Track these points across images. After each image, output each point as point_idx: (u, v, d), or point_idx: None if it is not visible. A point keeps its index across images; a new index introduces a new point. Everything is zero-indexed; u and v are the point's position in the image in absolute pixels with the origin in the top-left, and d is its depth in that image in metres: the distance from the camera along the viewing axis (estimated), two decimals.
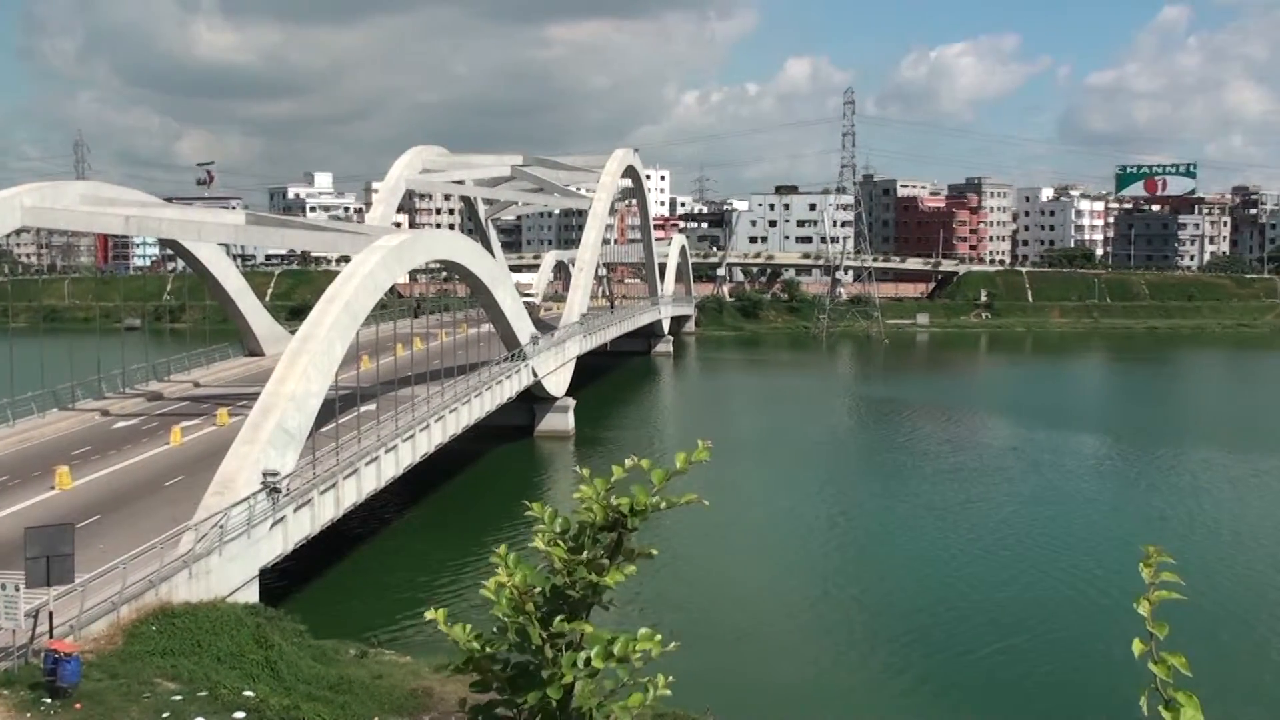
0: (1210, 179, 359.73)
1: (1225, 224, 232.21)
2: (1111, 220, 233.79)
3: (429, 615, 3.80)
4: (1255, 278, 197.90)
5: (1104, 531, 50.15)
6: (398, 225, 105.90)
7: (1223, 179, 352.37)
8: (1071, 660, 33.73)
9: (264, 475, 33.30)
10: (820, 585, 43.14)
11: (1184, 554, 43.85)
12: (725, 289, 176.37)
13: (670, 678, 3.66)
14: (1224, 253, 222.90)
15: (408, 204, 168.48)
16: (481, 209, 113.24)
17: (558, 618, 3.58)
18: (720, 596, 41.07)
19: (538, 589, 3.58)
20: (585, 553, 3.67)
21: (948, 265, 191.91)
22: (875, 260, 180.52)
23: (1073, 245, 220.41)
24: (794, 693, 32.26)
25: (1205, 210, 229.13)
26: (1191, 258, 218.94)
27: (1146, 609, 3.55)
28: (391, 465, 44.06)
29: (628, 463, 4.01)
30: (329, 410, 39.33)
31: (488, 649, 3.55)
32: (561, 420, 72.89)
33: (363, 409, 45.34)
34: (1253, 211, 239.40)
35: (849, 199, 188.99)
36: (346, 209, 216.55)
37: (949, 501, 56.52)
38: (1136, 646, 3.48)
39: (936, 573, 43.87)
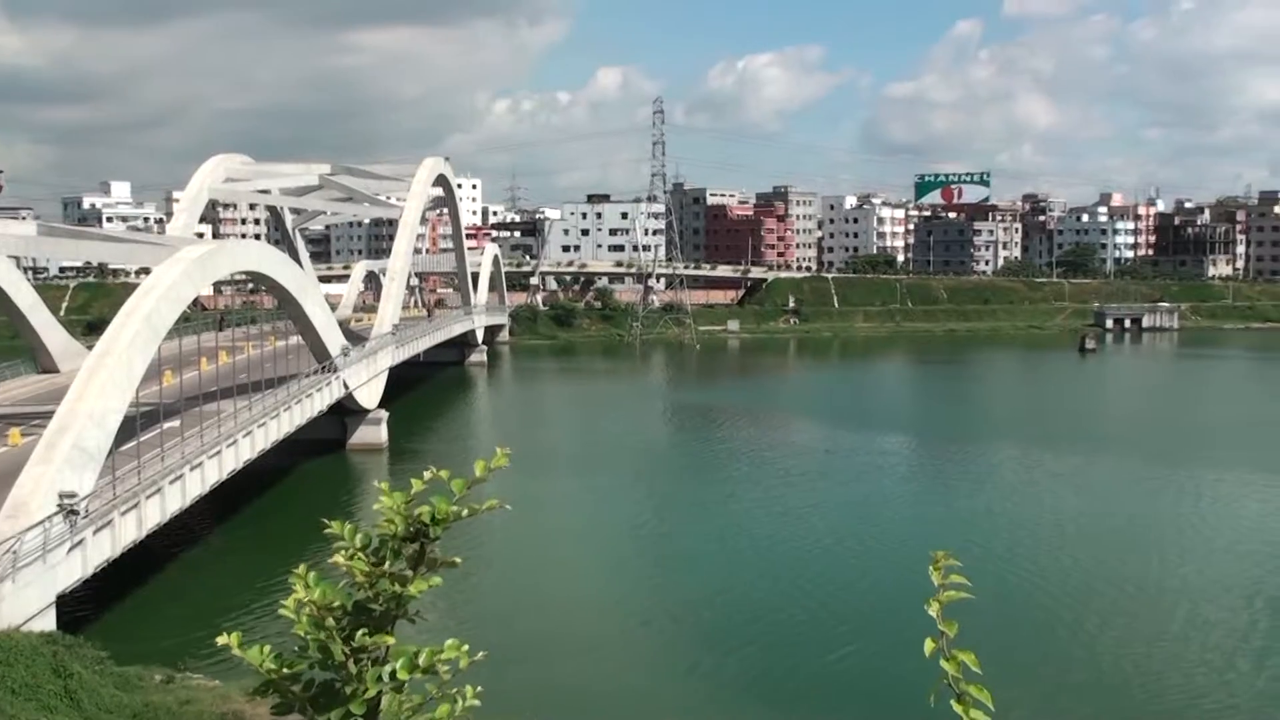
0: (1003, 187, 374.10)
1: (1017, 230, 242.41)
2: (912, 227, 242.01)
3: (221, 641, 3.72)
4: (1045, 281, 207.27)
5: (909, 532, 51.72)
6: (200, 236, 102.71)
7: (1014, 187, 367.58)
8: (877, 658, 34.67)
9: (60, 497, 31.92)
10: (634, 591, 43.47)
11: (982, 551, 45.69)
12: (539, 298, 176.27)
13: (480, 688, 3.67)
14: (1016, 258, 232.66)
15: (211, 214, 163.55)
16: (288, 219, 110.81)
17: (360, 632, 3.54)
18: (535, 605, 41.01)
19: (338, 604, 3.54)
20: (387, 565, 3.65)
21: (757, 272, 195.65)
22: (687, 268, 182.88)
23: (876, 251, 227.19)
24: (609, 700, 32.45)
25: (998, 217, 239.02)
26: (986, 263, 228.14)
27: (936, 609, 3.67)
28: (197, 483, 42.75)
29: (427, 474, 4.00)
30: (130, 428, 37.95)
31: (287, 669, 3.47)
32: (375, 433, 71.82)
33: (166, 426, 43.83)
34: (1042, 218, 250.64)
35: (660, 207, 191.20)
36: (146, 219, 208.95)
37: (761, 504, 57.56)
38: (928, 645, 3.59)
39: (747, 575, 44.58)
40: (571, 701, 31.84)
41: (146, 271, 49.35)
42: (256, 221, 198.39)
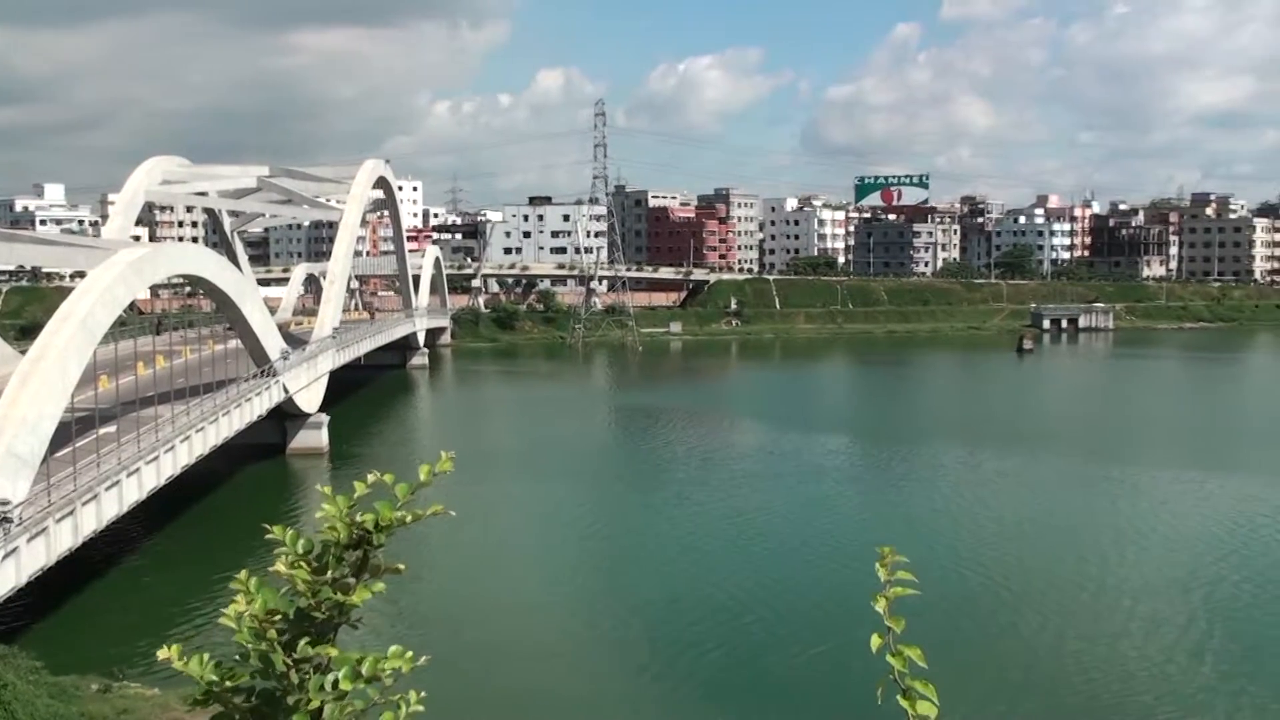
0: (941, 189, 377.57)
1: (956, 232, 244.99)
2: (852, 229, 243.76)
3: (162, 655, 3.67)
4: (983, 282, 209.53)
5: (854, 531, 52.08)
6: (137, 239, 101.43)
7: (953, 189, 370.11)
8: (828, 656, 34.86)
9: None
10: (580, 594, 43.44)
11: (926, 549, 46.09)
12: (481, 300, 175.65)
13: (423, 693, 3.65)
14: (955, 259, 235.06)
15: (147, 217, 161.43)
16: (227, 221, 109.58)
17: (302, 642, 3.50)
18: (481, 610, 40.86)
19: (280, 616, 3.50)
20: (330, 573, 3.61)
21: (699, 274, 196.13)
22: (629, 270, 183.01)
23: (816, 253, 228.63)
24: (556, 703, 32.41)
25: (937, 219, 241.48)
26: (926, 264, 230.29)
27: (883, 605, 3.68)
28: (135, 489, 42.20)
29: (370, 478, 3.98)
30: (65, 433, 37.39)
31: (229, 680, 3.43)
32: (315, 437, 71.24)
33: (102, 431, 43.23)
34: (980, 220, 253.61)
35: (602, 210, 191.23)
36: (81, 222, 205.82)
37: (707, 506, 57.72)
38: (875, 641, 3.60)
39: (695, 576, 44.69)
40: (518, 706, 31.77)
41: (81, 275, 48.64)
42: (194, 224, 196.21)
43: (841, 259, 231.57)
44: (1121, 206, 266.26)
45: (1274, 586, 42.73)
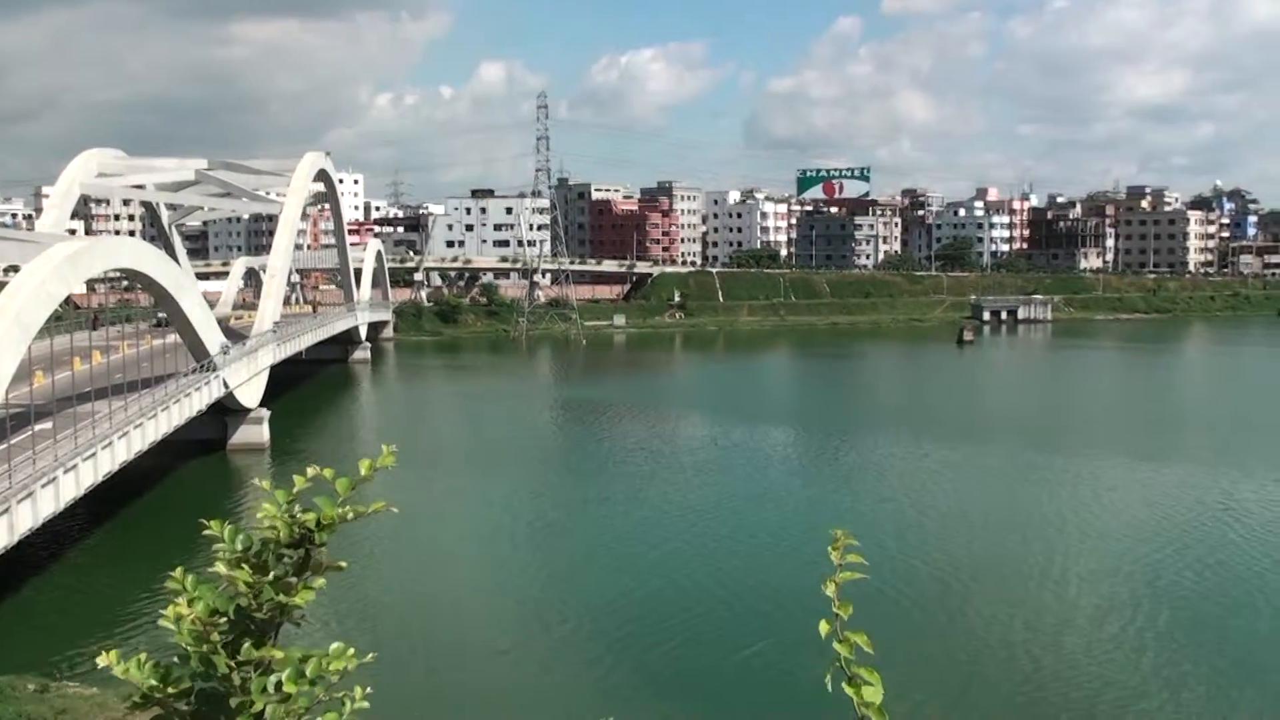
0: (883, 182, 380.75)
1: (897, 225, 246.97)
2: (794, 222, 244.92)
3: (101, 661, 3.62)
4: (924, 275, 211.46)
5: (800, 522, 52.36)
6: (72, 232, 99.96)
7: (894, 182, 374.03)
8: (776, 646, 35.05)
9: None
10: (526, 589, 43.31)
11: (871, 540, 46.47)
12: (423, 294, 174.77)
13: (369, 689, 3.64)
14: (896, 252, 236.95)
15: (83, 210, 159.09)
16: (164, 214, 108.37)
17: (246, 644, 3.46)
18: (427, 607, 40.68)
19: (222, 618, 3.46)
20: (271, 572, 3.57)
21: (642, 267, 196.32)
22: (572, 263, 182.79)
23: (759, 246, 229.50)
24: (503, 700, 32.35)
25: (879, 212, 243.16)
26: (867, 257, 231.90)
27: (833, 590, 3.66)
28: (72, 486, 41.60)
29: (310, 473, 3.94)
30: (0, 430, 36.83)
31: (169, 684, 3.38)
32: (256, 432, 70.59)
33: (38, 428, 42.61)
34: (920, 213, 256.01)
35: (545, 202, 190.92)
36: (14, 216, 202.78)
37: (654, 499, 57.78)
38: (823, 627, 3.60)
39: (643, 570, 44.73)
40: (465, 702, 31.69)
41: (15, 269, 47.84)
42: (131, 218, 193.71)
43: (784, 252, 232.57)
44: (1059, 199, 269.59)
45: (1214, 572, 43.43)
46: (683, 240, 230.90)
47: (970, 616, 38.82)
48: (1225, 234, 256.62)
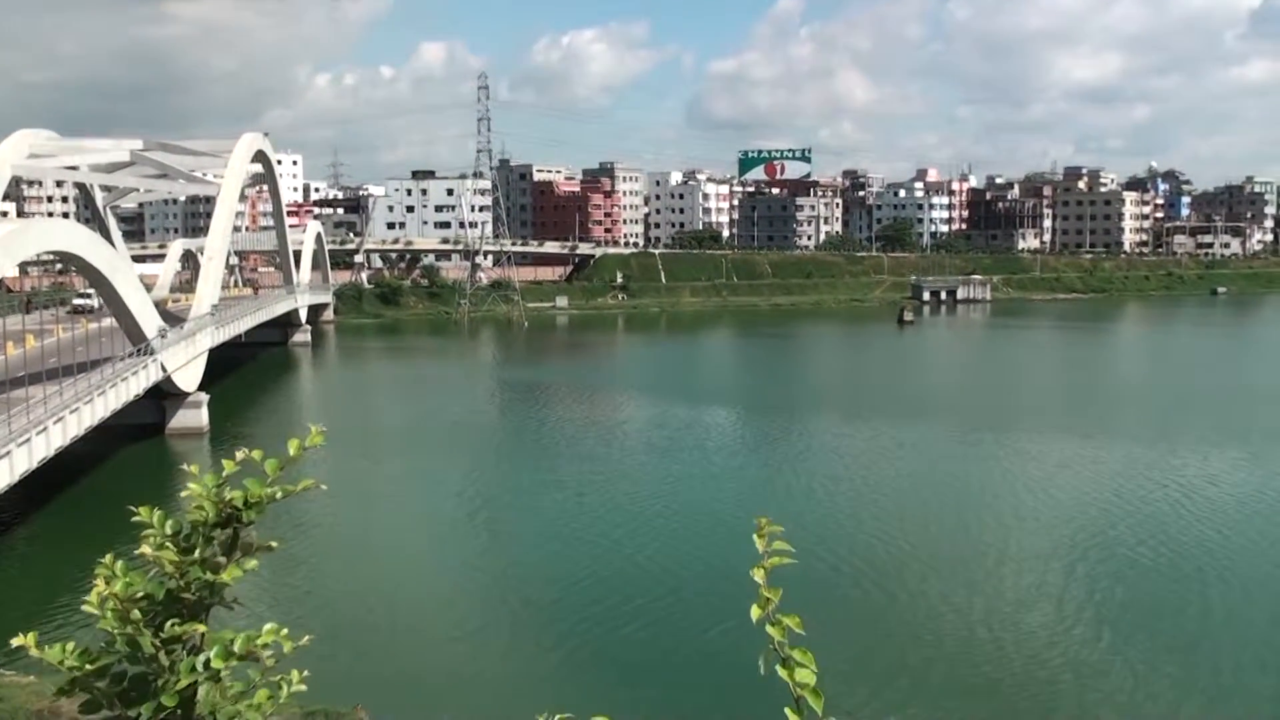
0: (824, 163, 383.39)
1: (838, 205, 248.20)
2: (736, 203, 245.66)
3: (16, 642, 3.60)
4: (865, 256, 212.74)
5: (743, 503, 52.49)
6: (4, 215, 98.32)
7: (835, 163, 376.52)
8: (723, 629, 35.18)
9: None
10: (465, 571, 43.21)
11: (811, 519, 46.84)
12: (364, 276, 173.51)
13: (306, 673, 3.64)
14: (837, 233, 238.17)
15: (14, 192, 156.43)
16: (99, 196, 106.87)
17: (170, 621, 3.46)
18: (368, 591, 40.43)
19: (141, 594, 3.45)
20: (198, 552, 3.57)
21: (584, 248, 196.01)
22: (514, 244, 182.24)
23: (701, 227, 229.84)
24: (444, 681, 32.33)
25: (820, 193, 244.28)
26: (809, 238, 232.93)
27: (761, 576, 3.69)
28: (5, 473, 40.99)
29: (239, 456, 3.94)
30: None
31: (90, 664, 3.37)
32: (195, 416, 69.86)
33: None
34: (861, 194, 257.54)
35: (486, 184, 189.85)
36: None
37: (596, 482, 57.72)
38: (754, 611, 3.62)
39: (584, 553, 44.69)
40: (405, 685, 31.60)
41: None
42: (65, 199, 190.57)
43: (726, 233, 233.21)
44: (998, 180, 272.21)
45: (1167, 547, 43.91)
46: (625, 221, 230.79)
47: (929, 596, 38.79)
48: (1159, 214, 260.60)
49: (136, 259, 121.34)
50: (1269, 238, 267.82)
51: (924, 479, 57.16)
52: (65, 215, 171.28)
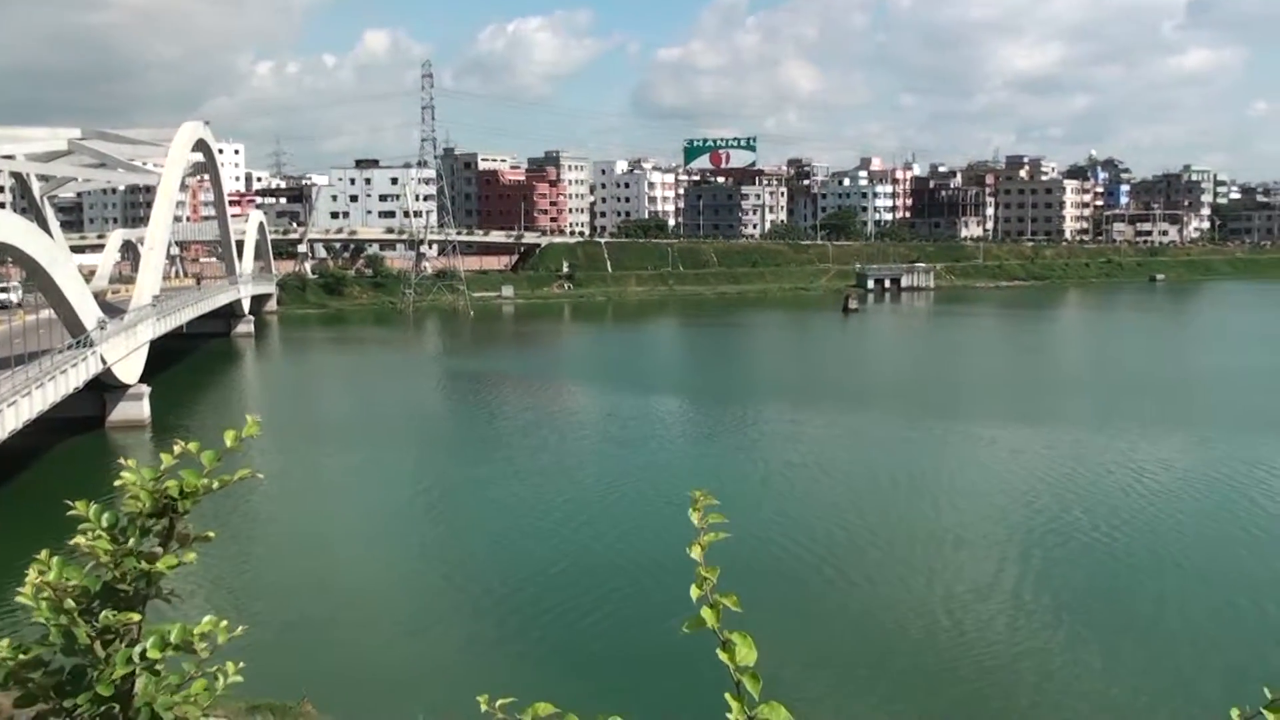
0: (769, 152, 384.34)
1: (783, 194, 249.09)
2: (682, 192, 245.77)
3: None
4: (810, 244, 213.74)
5: (703, 486, 52.44)
6: None
7: (780, 152, 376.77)
8: (672, 617, 35.20)
9: None
10: (415, 564, 43.01)
11: (777, 508, 47.00)
12: (308, 266, 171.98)
13: (242, 664, 3.59)
14: (782, 221, 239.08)
15: None
16: (35, 186, 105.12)
17: (105, 611, 3.40)
18: (316, 583, 40.10)
19: (74, 584, 3.39)
20: (133, 543, 3.51)
21: (530, 238, 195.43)
22: (459, 234, 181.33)
23: (647, 216, 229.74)
24: (393, 674, 32.15)
25: (765, 182, 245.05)
26: (754, 226, 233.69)
27: (699, 553, 3.58)
28: None
29: (176, 449, 3.88)
30: None
31: (23, 655, 3.30)
32: (136, 409, 69.03)
33: None
34: (806, 182, 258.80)
35: (431, 173, 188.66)
36: None
37: (545, 472, 57.59)
38: (694, 592, 3.51)
39: (530, 542, 44.58)
40: (353, 679, 31.40)
41: None
42: (1, 189, 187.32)
43: (672, 221, 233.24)
44: (941, 169, 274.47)
45: (1122, 531, 44.44)
46: (570, 210, 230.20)
47: (888, 584, 38.89)
48: (1100, 202, 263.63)
49: (75, 249, 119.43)
50: (1205, 225, 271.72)
51: (879, 466, 57.24)
52: (0, 205, 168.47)
